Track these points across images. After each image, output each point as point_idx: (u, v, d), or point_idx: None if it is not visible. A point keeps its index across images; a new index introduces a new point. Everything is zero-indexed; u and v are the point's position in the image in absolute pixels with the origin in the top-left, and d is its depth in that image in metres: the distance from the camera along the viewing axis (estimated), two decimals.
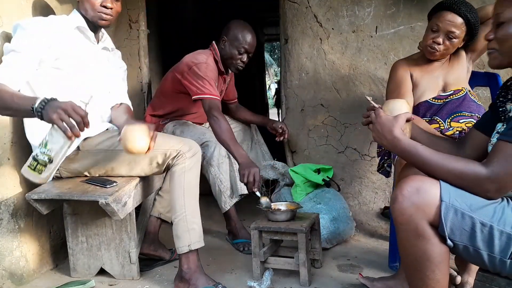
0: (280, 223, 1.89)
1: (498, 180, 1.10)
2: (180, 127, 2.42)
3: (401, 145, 1.24)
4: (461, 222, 1.11)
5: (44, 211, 1.77)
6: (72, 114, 1.39)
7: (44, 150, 1.45)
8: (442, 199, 1.12)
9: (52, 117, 1.39)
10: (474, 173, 1.12)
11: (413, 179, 1.17)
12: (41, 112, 1.43)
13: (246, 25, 2.40)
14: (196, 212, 1.83)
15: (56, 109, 1.39)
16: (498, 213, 1.10)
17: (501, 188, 1.11)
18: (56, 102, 1.43)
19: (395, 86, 1.95)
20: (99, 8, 1.82)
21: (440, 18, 1.83)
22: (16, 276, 1.84)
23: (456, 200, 1.12)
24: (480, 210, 1.11)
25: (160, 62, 3.88)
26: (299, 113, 2.75)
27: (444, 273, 1.16)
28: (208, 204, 2.64)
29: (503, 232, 1.09)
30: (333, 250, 2.26)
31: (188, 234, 1.79)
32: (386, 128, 1.27)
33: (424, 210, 1.13)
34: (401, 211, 1.15)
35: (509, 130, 1.11)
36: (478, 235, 1.10)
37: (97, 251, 1.92)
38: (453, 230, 1.12)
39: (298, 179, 2.41)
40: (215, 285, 1.76)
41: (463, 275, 1.69)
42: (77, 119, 1.40)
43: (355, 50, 2.61)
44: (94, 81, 1.90)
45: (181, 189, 1.79)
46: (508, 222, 1.09)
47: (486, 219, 1.10)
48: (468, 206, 1.11)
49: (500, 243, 1.09)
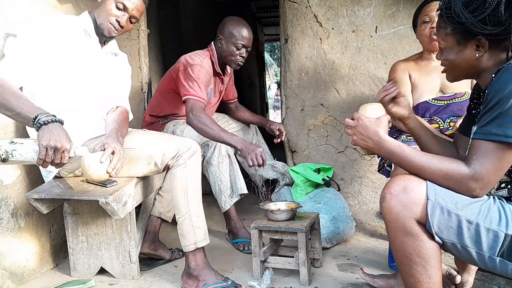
0: (280, 223, 1.89)
1: (481, 178, 1.11)
2: (181, 127, 2.42)
3: (387, 146, 1.25)
4: (447, 220, 1.13)
5: (44, 211, 1.77)
6: (57, 154, 1.41)
7: (10, 149, 1.41)
8: (428, 198, 1.14)
9: (41, 141, 1.39)
10: (458, 173, 1.13)
11: (400, 178, 1.19)
12: (41, 126, 1.42)
13: (240, 20, 2.40)
14: (200, 210, 1.84)
15: (49, 139, 1.40)
16: (484, 211, 1.12)
17: (485, 186, 1.12)
18: (56, 130, 1.43)
19: None
20: (113, 20, 1.82)
21: (427, 9, 1.95)
22: (17, 275, 1.84)
23: (442, 199, 1.13)
24: (466, 208, 1.12)
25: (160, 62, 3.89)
26: (299, 112, 2.75)
27: (435, 268, 1.17)
28: (208, 204, 2.64)
29: (489, 230, 1.10)
30: (333, 249, 2.26)
31: (194, 232, 1.80)
32: (371, 130, 1.27)
33: (411, 208, 1.15)
34: (389, 209, 1.18)
35: (480, 128, 1.13)
36: (465, 233, 1.12)
37: (97, 250, 1.92)
38: (440, 228, 1.14)
39: (298, 178, 2.41)
40: (224, 280, 1.78)
41: (463, 275, 1.69)
42: (56, 161, 1.42)
43: (355, 50, 2.61)
44: (93, 83, 1.89)
45: (184, 189, 1.79)
46: (494, 219, 1.11)
47: (472, 216, 1.11)
48: (454, 204, 1.13)
49: (487, 241, 1.11)
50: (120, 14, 1.83)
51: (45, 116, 1.45)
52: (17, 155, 1.42)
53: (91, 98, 1.88)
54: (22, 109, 1.49)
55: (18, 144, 1.42)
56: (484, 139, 1.10)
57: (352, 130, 1.32)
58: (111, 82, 1.98)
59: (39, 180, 1.93)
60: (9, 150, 1.41)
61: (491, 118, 1.09)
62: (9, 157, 1.41)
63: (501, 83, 1.08)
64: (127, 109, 2.03)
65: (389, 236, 1.24)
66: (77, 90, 1.83)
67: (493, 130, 1.08)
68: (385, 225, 1.23)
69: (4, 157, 1.41)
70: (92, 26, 1.86)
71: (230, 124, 2.69)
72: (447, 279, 1.68)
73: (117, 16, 1.82)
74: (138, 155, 1.81)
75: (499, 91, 1.07)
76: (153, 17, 3.51)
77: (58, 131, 1.43)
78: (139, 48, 2.89)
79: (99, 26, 1.85)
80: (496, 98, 1.08)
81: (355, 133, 1.30)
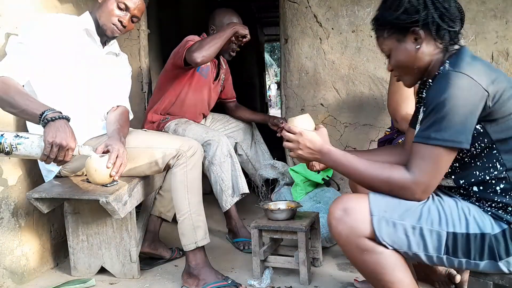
0: (280, 222, 1.89)
1: (422, 182, 1.15)
2: (182, 126, 2.42)
3: (335, 157, 1.29)
4: (394, 231, 1.16)
5: (44, 210, 1.78)
6: (61, 152, 1.42)
7: (14, 142, 1.42)
8: (372, 214, 1.16)
9: (47, 138, 1.41)
10: (400, 179, 1.17)
11: (340, 200, 1.21)
12: (48, 123, 1.44)
13: (229, 10, 2.52)
14: (201, 209, 1.84)
15: (56, 136, 1.41)
16: (424, 214, 1.16)
17: (426, 189, 1.16)
18: (62, 127, 1.44)
19: (397, 88, 1.96)
20: (115, 20, 1.83)
21: None
22: (17, 275, 1.84)
23: (384, 211, 1.16)
24: (408, 215, 1.16)
25: (160, 62, 3.88)
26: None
27: (403, 272, 1.19)
28: (208, 203, 2.63)
29: (432, 231, 1.14)
30: (333, 249, 2.26)
31: (194, 232, 1.80)
32: (318, 143, 1.31)
33: (358, 228, 1.17)
34: (338, 234, 1.20)
35: (420, 132, 1.16)
36: (412, 239, 1.15)
37: (98, 250, 1.93)
38: (391, 239, 1.16)
39: (298, 178, 2.41)
40: (224, 279, 1.78)
41: (462, 274, 1.69)
42: (59, 158, 1.44)
43: (354, 50, 2.62)
44: (94, 83, 1.89)
45: (184, 188, 1.80)
46: (435, 219, 1.15)
47: (414, 222, 1.15)
48: (397, 215, 1.16)
49: (432, 242, 1.15)
50: (122, 14, 1.83)
51: (52, 112, 1.46)
52: (21, 149, 1.43)
53: (92, 98, 1.89)
54: (28, 106, 1.50)
55: (23, 138, 1.43)
56: (424, 142, 1.15)
57: (295, 144, 1.34)
58: (111, 82, 1.98)
59: (40, 180, 1.94)
60: (13, 143, 1.42)
61: (430, 123, 1.13)
62: (13, 151, 1.42)
63: (438, 89, 1.13)
64: (127, 109, 2.03)
65: (349, 258, 1.25)
66: (78, 89, 1.83)
67: (432, 134, 1.12)
68: (341, 249, 1.24)
69: (8, 150, 1.42)
70: (93, 27, 1.86)
71: (230, 124, 2.70)
72: (447, 278, 1.69)
73: (119, 16, 1.83)
74: (138, 155, 1.82)
75: (436, 97, 1.12)
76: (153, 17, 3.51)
77: (65, 128, 1.44)
78: (139, 48, 2.89)
79: (101, 27, 1.85)
80: (433, 104, 1.12)
81: (301, 148, 1.33)
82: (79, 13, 2.04)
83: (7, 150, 1.42)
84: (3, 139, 1.42)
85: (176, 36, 4.29)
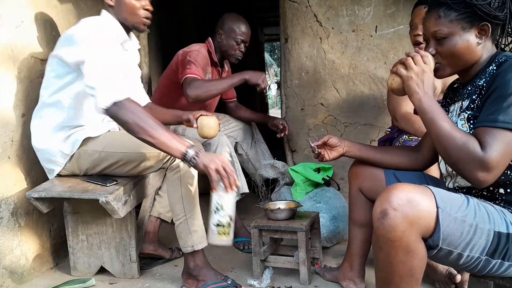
0: (280, 222, 1.89)
1: (490, 161, 1.11)
2: (182, 126, 2.41)
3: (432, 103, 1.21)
4: (456, 228, 1.08)
5: (44, 210, 1.78)
6: (226, 168, 1.53)
7: (223, 213, 1.55)
8: (438, 206, 1.07)
9: (210, 165, 1.51)
10: (474, 149, 1.13)
11: (400, 189, 1.08)
12: (195, 161, 1.53)
13: (239, 17, 2.50)
14: (197, 214, 1.81)
15: (211, 161, 1.52)
16: (477, 211, 1.11)
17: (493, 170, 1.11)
18: (209, 154, 1.57)
19: None
20: (143, 12, 1.82)
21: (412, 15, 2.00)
22: (16, 274, 1.84)
23: (449, 206, 1.09)
24: (467, 212, 1.10)
25: (160, 62, 3.89)
26: (299, 112, 2.75)
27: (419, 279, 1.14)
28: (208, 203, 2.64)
29: (483, 230, 1.10)
30: (333, 249, 2.26)
31: (191, 236, 1.78)
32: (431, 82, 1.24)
33: (419, 223, 1.05)
34: (393, 227, 1.05)
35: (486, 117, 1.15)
36: (466, 237, 1.09)
37: (98, 249, 1.92)
38: (449, 235, 1.08)
39: (298, 178, 2.41)
40: (224, 279, 1.77)
41: (462, 274, 1.69)
42: (229, 174, 1.53)
43: (355, 50, 2.61)
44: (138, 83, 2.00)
45: (178, 193, 1.77)
46: (485, 217, 1.11)
47: (471, 219, 1.10)
48: (457, 208, 1.09)
49: (481, 241, 1.09)
50: (142, 2, 1.82)
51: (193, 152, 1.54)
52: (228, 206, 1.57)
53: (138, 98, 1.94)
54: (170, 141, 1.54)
55: (217, 205, 1.56)
56: (491, 126, 1.12)
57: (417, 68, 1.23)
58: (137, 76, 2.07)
59: (39, 180, 1.93)
60: (223, 214, 1.56)
61: (498, 107, 1.12)
62: (230, 214, 1.57)
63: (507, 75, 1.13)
64: None
65: (383, 255, 1.11)
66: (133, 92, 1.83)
67: (501, 118, 1.11)
68: (382, 244, 1.10)
69: (229, 218, 1.57)
70: (125, 33, 1.87)
71: (231, 123, 2.69)
72: (447, 278, 1.68)
73: (142, 6, 1.82)
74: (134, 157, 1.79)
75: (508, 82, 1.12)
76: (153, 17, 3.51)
77: (208, 154, 1.57)
78: (139, 48, 2.88)
79: (131, 26, 1.85)
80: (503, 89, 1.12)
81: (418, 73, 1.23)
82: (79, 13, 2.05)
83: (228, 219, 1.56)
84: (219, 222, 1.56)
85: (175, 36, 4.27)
